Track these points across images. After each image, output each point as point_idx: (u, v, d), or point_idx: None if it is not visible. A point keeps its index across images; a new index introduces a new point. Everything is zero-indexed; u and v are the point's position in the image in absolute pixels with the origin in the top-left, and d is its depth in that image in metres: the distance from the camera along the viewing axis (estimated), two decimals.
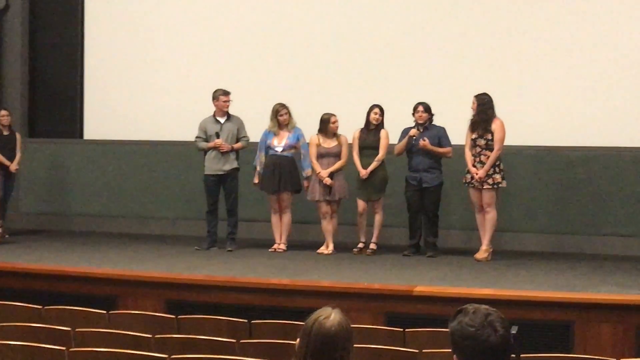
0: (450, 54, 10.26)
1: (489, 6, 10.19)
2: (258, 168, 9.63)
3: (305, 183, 9.55)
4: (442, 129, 9.28)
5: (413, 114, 9.26)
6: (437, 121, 9.31)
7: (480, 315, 2.78)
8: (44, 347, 4.66)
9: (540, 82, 9.94)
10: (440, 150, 9.11)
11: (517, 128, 9.22)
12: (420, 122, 9.24)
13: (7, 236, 10.39)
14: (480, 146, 8.88)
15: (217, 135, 9.61)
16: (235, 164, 9.69)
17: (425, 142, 9.01)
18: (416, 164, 9.20)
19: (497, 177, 8.85)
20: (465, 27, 10.23)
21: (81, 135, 11.86)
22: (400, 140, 9.33)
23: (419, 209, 9.25)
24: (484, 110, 8.86)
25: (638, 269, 8.45)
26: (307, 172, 9.52)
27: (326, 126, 9.47)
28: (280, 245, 9.59)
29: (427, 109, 9.25)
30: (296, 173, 9.57)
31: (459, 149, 9.14)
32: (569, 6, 9.92)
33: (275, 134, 9.57)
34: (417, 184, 9.17)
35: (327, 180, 9.34)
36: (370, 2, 10.58)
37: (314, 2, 10.80)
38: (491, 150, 8.83)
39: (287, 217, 9.60)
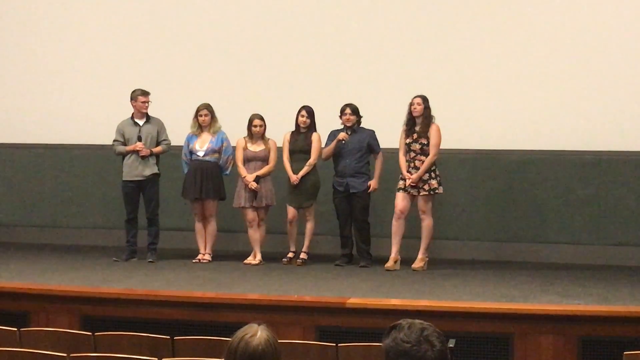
0: (382, 54, 10.32)
1: (422, 4, 10.28)
2: None
3: None
4: (372, 132, 9.34)
5: (340, 117, 9.31)
6: (365, 123, 9.37)
7: (415, 330, 2.79)
8: None
9: (476, 84, 10.06)
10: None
11: (452, 131, 9.31)
12: (348, 124, 9.30)
13: None
14: (414, 151, 8.96)
15: (139, 139, 9.51)
16: (155, 169, 9.60)
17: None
18: (342, 168, 9.25)
19: (434, 182, 8.95)
20: (398, 25, 10.31)
21: None
22: (327, 143, 9.36)
23: (347, 215, 9.30)
24: (428, 114, 8.95)
25: (579, 278, 8.61)
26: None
27: (249, 128, 9.46)
28: (204, 255, 9.54)
29: (355, 110, 9.30)
30: (220, 179, 9.54)
31: (391, 152, 9.22)
32: (504, 5, 10.06)
33: (198, 137, 9.52)
34: (344, 189, 9.22)
35: (253, 185, 9.32)
36: (303, 1, 10.59)
37: (241, 1, 10.76)
38: (426, 155, 8.92)
39: (211, 226, 9.55)
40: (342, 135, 9.23)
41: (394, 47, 10.31)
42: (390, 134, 9.34)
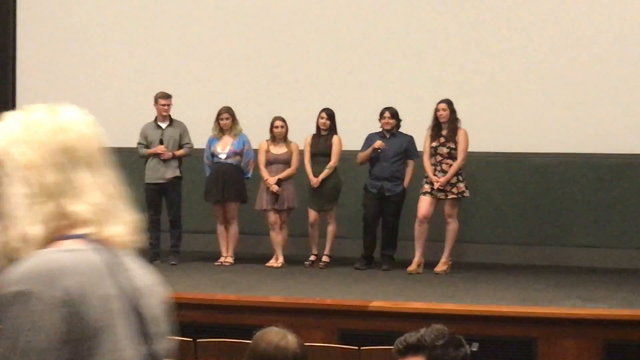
0: (406, 56, 10.30)
1: (452, 9, 10.25)
2: None
3: None
4: (411, 138, 9.29)
5: (379, 120, 9.28)
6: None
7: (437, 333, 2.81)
8: None
9: (501, 87, 10.03)
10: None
11: (477, 134, 9.28)
12: (387, 128, 9.25)
13: None
14: (441, 154, 8.93)
15: (161, 142, 9.55)
16: (177, 172, 9.62)
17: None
18: (378, 171, 9.20)
19: (461, 186, 8.92)
20: (423, 28, 10.28)
21: None
22: (363, 147, 9.32)
23: (375, 218, 9.27)
24: (454, 118, 8.92)
25: (603, 281, 8.56)
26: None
27: (271, 130, 9.47)
28: (226, 258, 9.55)
29: (394, 114, 9.25)
30: (241, 182, 9.55)
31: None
32: (533, 11, 10.01)
33: (219, 140, 9.54)
34: (378, 192, 9.19)
35: (274, 188, 9.32)
36: (324, 4, 10.59)
37: (261, 4, 10.77)
38: (453, 159, 8.89)
39: (233, 229, 9.56)
40: (378, 143, 9.14)
41: (418, 50, 10.28)
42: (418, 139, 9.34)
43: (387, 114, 9.24)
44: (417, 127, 9.20)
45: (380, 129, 9.31)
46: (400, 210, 9.26)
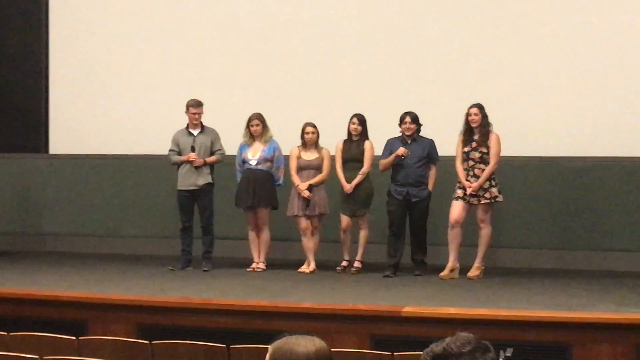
0: (440, 61, 10.30)
1: (483, 11, 10.24)
2: None
3: None
4: (432, 142, 9.26)
5: (399, 125, 9.26)
6: (424, 132, 9.34)
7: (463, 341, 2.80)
8: None
9: (534, 90, 10.00)
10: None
11: (509, 138, 9.24)
12: (408, 133, 9.23)
13: None
14: (474, 159, 8.90)
15: (192, 149, 9.60)
16: (209, 179, 9.67)
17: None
18: (403, 177, 9.17)
19: (494, 190, 8.88)
20: (457, 32, 10.28)
21: (46, 149, 11.82)
22: (384, 152, 9.30)
23: (403, 225, 9.24)
24: (485, 122, 8.89)
25: (638, 285, 8.48)
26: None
27: (302, 136, 9.49)
28: (258, 264, 9.58)
29: (415, 119, 9.22)
30: (272, 188, 9.57)
31: (446, 161, 9.19)
32: (566, 13, 9.97)
33: (250, 147, 9.58)
34: (403, 198, 9.17)
35: (305, 193, 9.34)
36: (354, 8, 10.61)
37: (293, 9, 10.81)
38: (486, 163, 8.85)
39: (265, 235, 9.59)
40: (401, 150, 9.10)
41: (450, 54, 10.28)
42: (445, 142, 9.31)
43: (407, 119, 9.20)
44: (450, 131, 9.17)
45: (400, 134, 9.27)
46: (427, 214, 9.24)
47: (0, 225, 11.55)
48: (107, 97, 11.47)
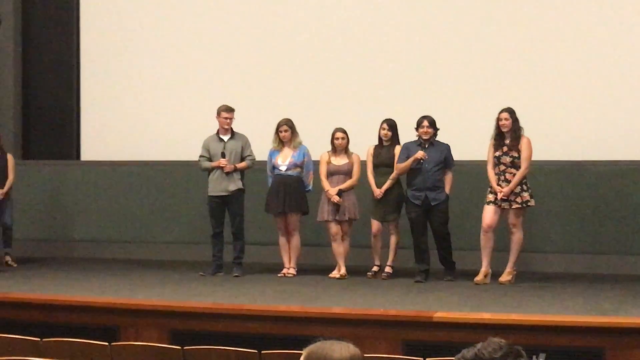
0: (468, 66, 10.30)
1: (512, 15, 10.21)
2: None
3: None
4: (448, 147, 9.23)
5: (417, 129, 9.23)
6: (450, 136, 9.33)
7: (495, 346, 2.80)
8: None
9: (564, 94, 9.97)
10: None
11: (540, 142, 9.20)
12: (425, 137, 9.19)
13: (13, 264, 10.54)
14: (505, 164, 8.86)
15: (223, 155, 9.63)
16: (240, 185, 9.69)
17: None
18: (421, 181, 9.12)
19: (526, 195, 8.83)
20: (483, 37, 10.27)
21: (78, 156, 11.91)
22: (401, 157, 9.23)
23: (425, 229, 9.22)
24: (516, 127, 8.85)
25: None
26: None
27: (332, 142, 9.50)
28: (289, 269, 9.59)
29: (433, 123, 9.19)
30: (302, 193, 9.59)
31: (477, 165, 9.16)
32: (595, 18, 9.93)
33: (280, 152, 9.60)
34: (422, 203, 9.13)
35: (335, 198, 9.34)
36: (383, 16, 10.62)
37: (322, 16, 10.84)
38: (517, 168, 8.80)
39: (295, 240, 9.60)
40: (420, 154, 9.07)
41: (481, 59, 10.27)
42: (474, 146, 9.29)
43: (425, 123, 9.17)
44: (482, 136, 9.15)
45: (418, 138, 9.25)
46: (447, 217, 9.20)
47: (32, 232, 11.65)
48: (136, 105, 11.55)
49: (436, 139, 9.23)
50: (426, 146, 9.17)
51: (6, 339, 6.19)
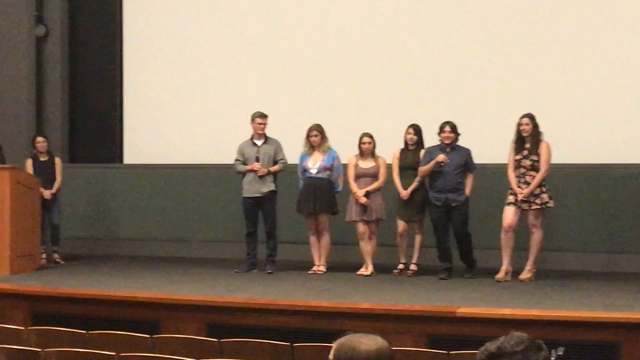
0: (489, 73, 10.26)
1: (529, 25, 10.17)
2: None
3: None
4: (469, 151, 9.19)
5: (439, 134, 9.21)
6: (471, 140, 9.30)
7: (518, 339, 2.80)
8: None
9: (585, 101, 9.92)
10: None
11: (560, 146, 9.14)
12: (447, 142, 9.16)
13: (61, 262, 10.59)
14: (525, 167, 8.82)
15: (257, 159, 9.66)
16: (272, 187, 9.72)
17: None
18: (442, 184, 9.10)
19: (545, 196, 8.80)
20: (503, 47, 10.23)
21: (121, 159, 11.99)
22: (423, 160, 9.21)
23: (447, 229, 9.19)
24: (536, 132, 8.81)
25: None
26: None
27: (360, 146, 9.50)
28: (319, 267, 9.60)
29: (454, 128, 9.16)
30: (332, 195, 9.59)
31: (498, 168, 9.13)
32: (614, 24, 9.86)
33: (310, 156, 9.61)
34: (443, 204, 9.10)
35: (363, 199, 9.34)
36: (409, 28, 10.60)
37: (349, 28, 10.84)
38: (536, 170, 8.76)
39: (325, 239, 9.61)
40: (441, 157, 9.04)
41: (500, 66, 10.24)
42: (496, 150, 9.25)
43: (447, 128, 9.14)
44: (503, 140, 9.11)
45: (440, 143, 9.22)
46: (467, 217, 9.17)
47: (78, 231, 11.74)
48: (175, 112, 11.61)
49: (457, 143, 9.21)
50: (448, 150, 9.14)
51: (54, 332, 6.25)
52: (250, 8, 11.31)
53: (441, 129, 9.17)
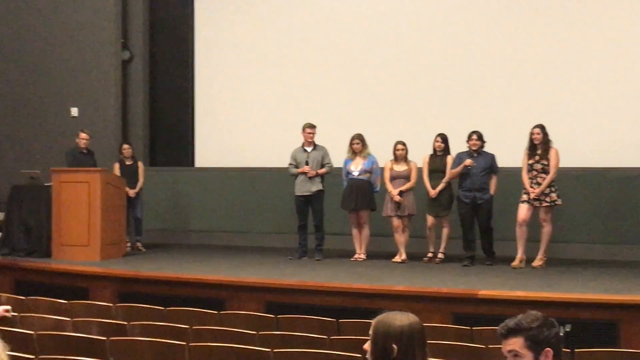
0: (506, 88, 10.20)
1: (539, 44, 10.08)
2: None
3: None
4: (493, 156, 9.14)
5: (467, 141, 9.17)
6: (489, 146, 9.24)
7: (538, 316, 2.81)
8: (168, 342, 4.76)
9: (589, 112, 9.81)
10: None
11: (567, 151, 9.03)
12: (474, 148, 9.13)
13: (143, 249, 10.69)
14: (537, 170, 8.76)
15: (307, 163, 9.70)
16: (320, 186, 9.74)
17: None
18: (470, 184, 9.06)
19: (554, 195, 8.73)
20: (519, 66, 10.15)
21: (192, 163, 12.09)
22: (454, 164, 9.18)
23: (472, 223, 9.14)
24: (546, 140, 8.75)
25: None
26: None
27: (394, 152, 9.49)
28: (360, 255, 9.60)
29: (480, 137, 9.13)
30: (371, 193, 9.57)
31: (512, 171, 9.07)
32: (617, 30, 9.71)
33: (352, 161, 9.62)
34: (471, 201, 9.05)
35: (397, 198, 9.32)
36: (436, 47, 10.57)
37: (385, 51, 10.83)
38: (546, 173, 8.70)
39: (365, 231, 9.61)
40: (468, 162, 9.01)
41: (514, 82, 10.17)
42: (510, 155, 9.18)
43: (474, 137, 9.11)
44: (517, 147, 9.05)
45: (468, 149, 9.17)
46: (491, 214, 9.10)
47: (158, 223, 11.86)
48: (237, 123, 11.68)
49: (483, 149, 9.16)
50: (474, 155, 9.10)
51: (137, 308, 6.33)
52: (301, 35, 11.34)
53: (469, 137, 9.14)
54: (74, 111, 12.08)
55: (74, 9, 12.03)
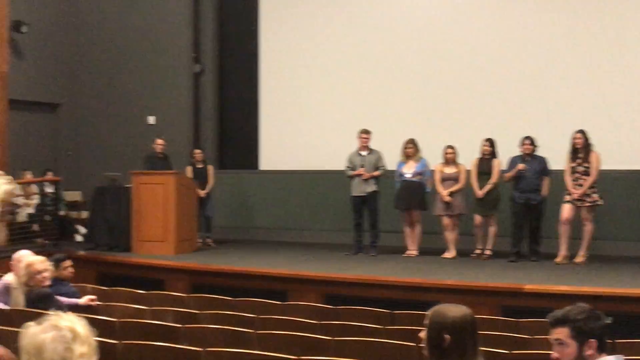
0: (551, 96, 10.03)
1: (579, 38, 9.88)
2: None
3: None
4: (545, 160, 9.00)
5: (521, 146, 9.04)
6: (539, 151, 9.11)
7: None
8: (237, 330, 4.79)
9: (629, 115, 9.59)
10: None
11: (608, 155, 8.85)
12: (527, 152, 9.01)
13: (213, 245, 10.80)
14: (579, 172, 8.61)
15: (362, 166, 9.70)
16: (375, 188, 9.72)
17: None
18: (524, 186, 8.93)
19: (595, 196, 8.57)
20: (563, 77, 9.97)
21: (257, 166, 12.19)
22: (509, 166, 9.08)
23: (524, 222, 9.01)
24: (587, 144, 8.59)
25: None
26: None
27: (444, 156, 9.41)
28: (412, 251, 9.55)
29: (532, 141, 9.02)
30: (423, 194, 9.51)
31: (557, 173, 8.93)
32: None
33: (405, 164, 9.58)
34: (525, 202, 8.93)
35: (447, 198, 9.25)
36: (486, 57, 10.46)
37: (438, 57, 10.76)
38: (588, 175, 8.54)
39: (417, 229, 9.55)
40: (521, 166, 8.89)
41: (559, 90, 10.01)
42: (554, 159, 9.03)
43: (527, 142, 9.00)
44: (560, 151, 8.89)
45: (521, 153, 9.03)
46: (543, 214, 8.96)
47: (226, 221, 11.97)
48: (298, 130, 11.72)
49: (535, 153, 9.03)
50: (527, 159, 8.98)
51: (208, 298, 6.39)
52: (358, 47, 11.33)
53: (522, 143, 9.02)
54: (151, 119, 12.32)
55: (151, 28, 12.29)
